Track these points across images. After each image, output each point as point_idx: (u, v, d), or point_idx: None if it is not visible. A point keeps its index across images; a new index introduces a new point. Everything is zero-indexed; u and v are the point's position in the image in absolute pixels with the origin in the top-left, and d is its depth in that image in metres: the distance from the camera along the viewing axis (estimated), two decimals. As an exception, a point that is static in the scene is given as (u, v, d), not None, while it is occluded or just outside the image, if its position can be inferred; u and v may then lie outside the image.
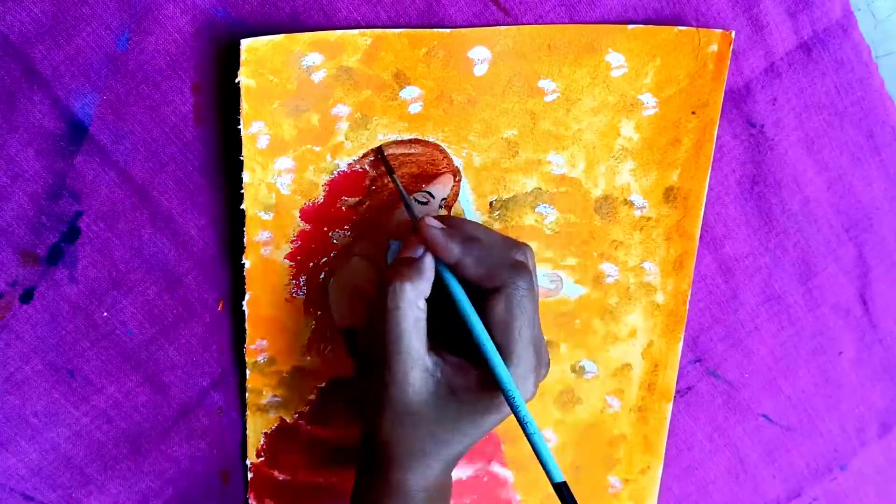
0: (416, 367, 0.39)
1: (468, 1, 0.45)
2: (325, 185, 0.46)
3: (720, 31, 0.46)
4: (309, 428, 0.50)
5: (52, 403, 0.47)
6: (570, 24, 0.46)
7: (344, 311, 0.48)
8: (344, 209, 0.46)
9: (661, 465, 0.54)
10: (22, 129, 0.43)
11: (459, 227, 0.41)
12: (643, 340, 0.51)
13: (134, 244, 0.46)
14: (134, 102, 0.44)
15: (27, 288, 0.45)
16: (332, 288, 0.47)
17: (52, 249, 0.45)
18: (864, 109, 0.50)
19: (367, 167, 0.46)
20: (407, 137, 0.45)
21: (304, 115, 0.44)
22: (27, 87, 0.43)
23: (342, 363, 0.49)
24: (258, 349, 0.48)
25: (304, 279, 0.47)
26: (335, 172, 0.45)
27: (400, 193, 0.44)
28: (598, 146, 0.47)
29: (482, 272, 0.39)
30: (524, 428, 0.38)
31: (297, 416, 0.50)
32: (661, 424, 0.53)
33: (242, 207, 0.45)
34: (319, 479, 0.51)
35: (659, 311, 0.51)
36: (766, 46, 0.48)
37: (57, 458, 0.48)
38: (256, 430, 0.49)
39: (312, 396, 0.50)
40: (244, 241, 0.46)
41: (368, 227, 0.47)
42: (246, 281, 0.46)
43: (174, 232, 0.46)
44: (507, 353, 0.39)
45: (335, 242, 0.47)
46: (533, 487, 0.53)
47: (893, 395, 0.55)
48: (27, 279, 0.45)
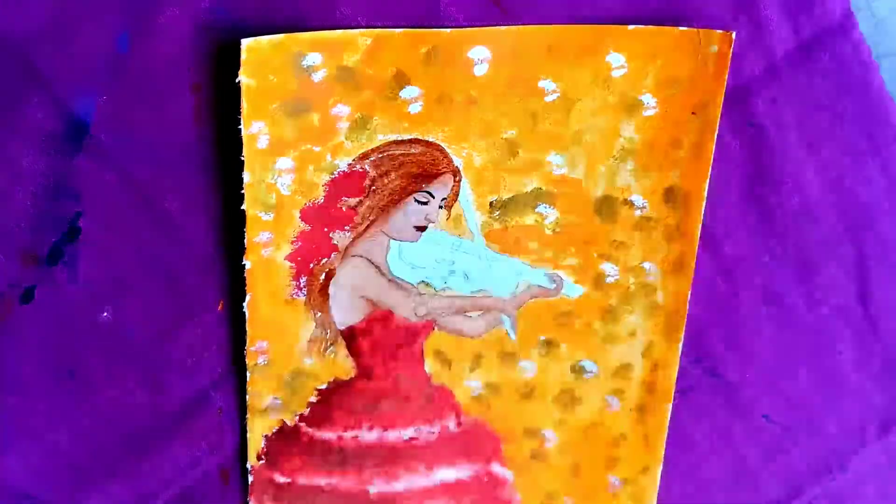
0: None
1: (468, 1, 0.45)
2: (325, 185, 0.46)
3: (720, 31, 0.46)
4: (310, 430, 0.50)
5: (52, 403, 0.47)
6: (570, 24, 0.46)
7: (344, 311, 0.48)
8: (344, 209, 0.46)
9: (660, 464, 0.53)
10: (22, 129, 0.43)
11: None
12: (643, 341, 0.51)
13: (134, 244, 0.46)
14: (134, 102, 0.44)
15: (27, 288, 0.45)
16: (332, 288, 0.47)
17: (52, 249, 0.45)
18: (864, 109, 0.50)
19: (366, 167, 0.46)
20: (407, 137, 0.45)
21: (304, 115, 0.44)
22: (27, 87, 0.43)
23: (342, 364, 0.49)
24: (258, 351, 0.48)
25: (304, 280, 0.47)
26: (335, 172, 0.45)
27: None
28: (598, 146, 0.47)
29: None
30: None
31: (297, 418, 0.50)
32: (660, 424, 0.53)
33: (243, 208, 0.45)
34: (320, 481, 0.51)
35: (659, 311, 0.51)
36: (766, 47, 0.48)
37: (57, 458, 0.48)
38: (257, 432, 0.49)
39: (313, 398, 0.50)
40: (244, 241, 0.46)
41: (368, 227, 0.47)
42: (246, 282, 0.46)
43: (174, 232, 0.46)
44: None
45: (335, 243, 0.47)
46: (533, 487, 0.53)
47: (893, 395, 0.55)
48: (27, 279, 0.45)
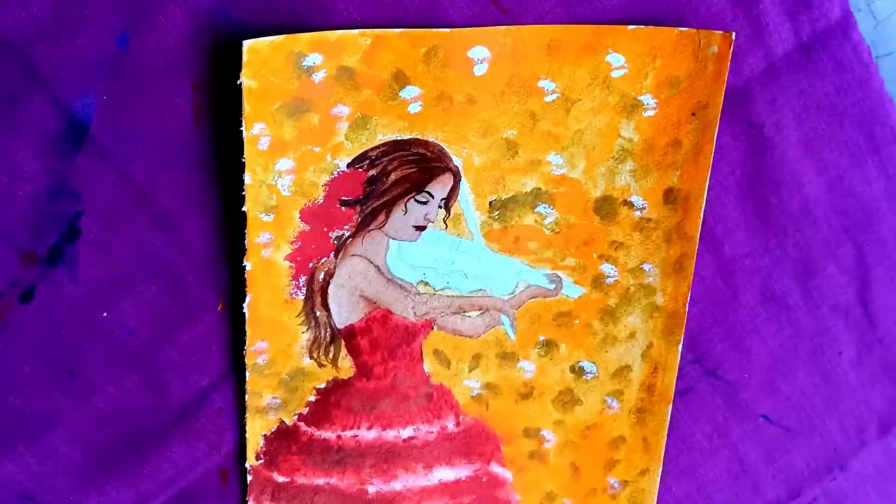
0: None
1: (468, 1, 0.45)
2: (324, 185, 0.46)
3: (720, 32, 0.46)
4: (308, 429, 0.50)
5: (51, 404, 0.47)
6: (569, 24, 0.46)
7: (343, 310, 0.48)
8: (344, 209, 0.46)
9: (660, 467, 0.53)
10: (22, 129, 0.43)
11: None
12: (643, 342, 0.51)
13: (134, 244, 0.46)
14: (134, 102, 0.44)
15: (27, 288, 0.45)
16: (331, 288, 0.47)
17: (52, 249, 0.45)
18: (863, 110, 0.50)
19: (366, 167, 0.46)
20: (407, 137, 0.46)
21: (304, 115, 0.44)
22: (27, 87, 0.43)
23: (342, 364, 0.49)
24: (258, 350, 0.48)
25: (303, 280, 0.47)
26: (335, 173, 0.45)
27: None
28: (597, 147, 0.47)
29: None
30: None
31: (296, 417, 0.50)
32: (660, 426, 0.53)
33: (243, 210, 0.45)
34: (319, 480, 0.51)
35: (658, 312, 0.51)
36: (765, 47, 0.48)
37: (56, 458, 0.47)
38: (256, 432, 0.49)
39: (312, 398, 0.49)
40: (245, 242, 0.46)
41: (368, 226, 0.47)
42: (246, 283, 0.46)
43: (174, 232, 0.46)
44: None
45: (335, 243, 0.47)
46: (532, 488, 0.53)
47: (893, 395, 0.55)
48: (27, 279, 0.45)
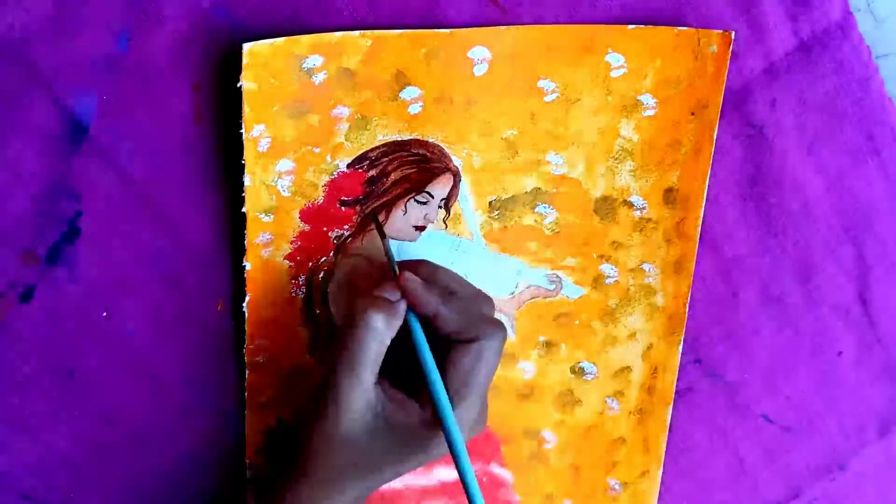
0: (361, 398, 0.39)
1: (468, 1, 0.45)
2: (324, 185, 0.46)
3: (720, 31, 0.46)
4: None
5: (51, 403, 0.47)
6: (569, 24, 0.46)
7: (343, 310, 0.48)
8: (343, 209, 0.46)
9: (660, 468, 0.53)
10: (22, 129, 0.43)
11: (432, 274, 0.42)
12: (643, 343, 0.51)
13: (134, 244, 0.46)
14: (134, 102, 0.44)
15: (27, 288, 0.45)
16: (331, 288, 0.47)
17: (52, 249, 0.45)
18: (863, 110, 0.50)
19: (366, 167, 0.46)
20: (407, 138, 0.46)
21: (304, 116, 0.44)
22: (27, 87, 0.43)
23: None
24: (258, 349, 0.48)
25: (303, 279, 0.47)
26: (335, 173, 0.46)
27: (384, 247, 0.45)
28: (597, 147, 0.47)
29: (459, 326, 0.40)
30: (463, 477, 0.37)
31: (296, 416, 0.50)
32: (660, 427, 0.53)
33: (243, 210, 0.45)
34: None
35: (659, 313, 0.51)
36: (765, 47, 0.48)
37: (56, 458, 0.47)
38: (256, 429, 0.49)
39: (312, 397, 0.50)
40: (244, 243, 0.46)
41: (368, 226, 0.47)
42: (246, 283, 0.46)
43: (174, 232, 0.46)
44: (459, 399, 0.40)
45: (335, 242, 0.47)
46: (532, 488, 0.53)
47: (893, 395, 0.55)
48: (27, 279, 0.45)
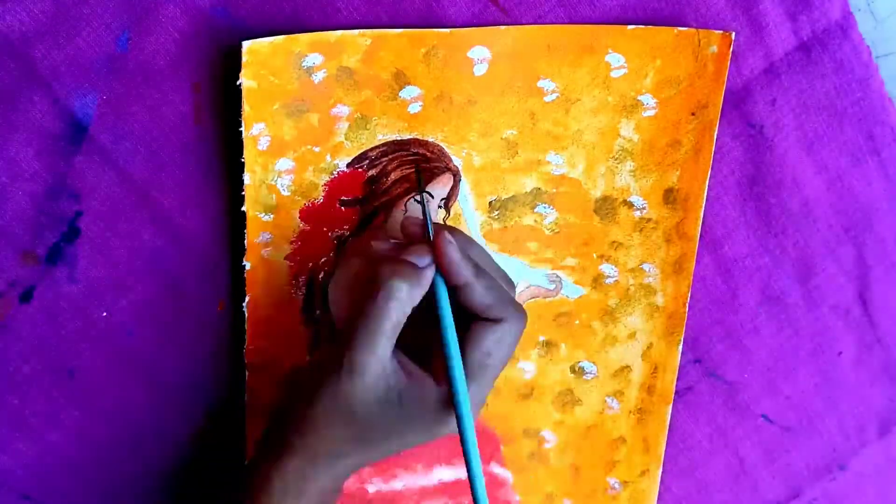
0: (376, 367, 0.38)
1: (468, 1, 0.45)
2: (324, 185, 0.46)
3: (720, 32, 0.46)
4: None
5: (51, 403, 0.47)
6: (569, 24, 0.46)
7: (343, 310, 0.48)
8: (343, 209, 0.46)
9: (660, 467, 0.53)
10: (22, 129, 0.43)
11: (467, 247, 0.40)
12: (643, 342, 0.51)
13: (134, 244, 0.46)
14: (134, 102, 0.44)
15: (27, 288, 0.45)
16: (331, 288, 0.47)
17: (52, 249, 0.45)
18: (863, 110, 0.50)
19: (366, 167, 0.46)
20: (406, 137, 0.46)
21: (304, 115, 0.44)
22: (27, 87, 0.43)
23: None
24: (257, 349, 0.48)
25: (303, 279, 0.47)
26: (335, 173, 0.45)
27: (423, 207, 0.44)
28: (597, 147, 0.47)
29: (489, 302, 0.38)
30: (467, 456, 0.37)
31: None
32: (660, 427, 0.53)
33: (243, 209, 0.45)
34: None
35: (658, 313, 0.51)
36: (765, 47, 0.48)
37: (56, 458, 0.47)
38: (256, 429, 0.49)
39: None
40: (244, 242, 0.46)
41: (367, 226, 0.47)
42: (246, 283, 0.46)
43: (174, 232, 0.46)
44: (475, 378, 0.39)
45: (335, 242, 0.47)
46: (532, 488, 0.53)
47: (893, 395, 0.55)
48: (27, 279, 0.45)
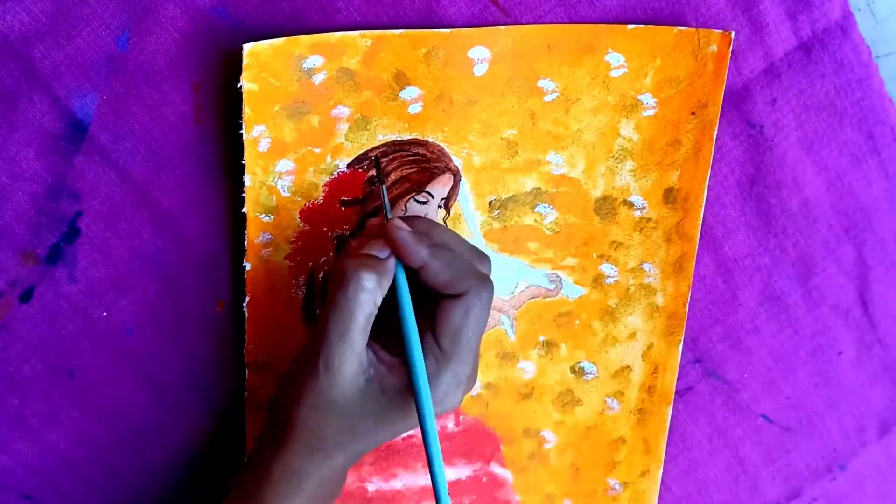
0: (352, 361, 0.38)
1: (468, 1, 0.45)
2: (324, 185, 0.46)
3: (720, 31, 0.46)
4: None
5: (51, 403, 0.47)
6: (569, 24, 0.46)
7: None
8: (343, 209, 0.46)
9: (660, 468, 0.53)
10: (22, 129, 0.43)
11: (428, 231, 0.41)
12: (643, 342, 0.51)
13: (134, 244, 0.46)
14: (134, 102, 0.44)
15: (27, 288, 0.45)
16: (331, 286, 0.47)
17: (52, 249, 0.45)
18: (863, 110, 0.50)
19: (366, 167, 0.46)
20: (407, 137, 0.46)
21: (304, 117, 0.44)
22: (27, 87, 0.43)
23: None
24: (258, 349, 0.48)
25: (303, 279, 0.47)
26: (335, 173, 0.46)
27: (381, 196, 0.44)
28: (597, 146, 0.47)
29: (447, 278, 0.39)
30: (426, 439, 0.37)
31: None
32: (660, 427, 0.53)
33: (243, 210, 0.45)
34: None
35: (659, 313, 0.51)
36: (765, 47, 0.48)
37: (56, 457, 0.47)
38: (256, 429, 0.49)
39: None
40: (245, 243, 0.46)
41: (368, 226, 0.47)
42: (246, 283, 0.46)
43: (174, 232, 0.46)
44: (450, 356, 0.39)
45: (335, 242, 0.47)
46: (532, 488, 0.53)
47: (893, 395, 0.55)
48: (27, 279, 0.45)
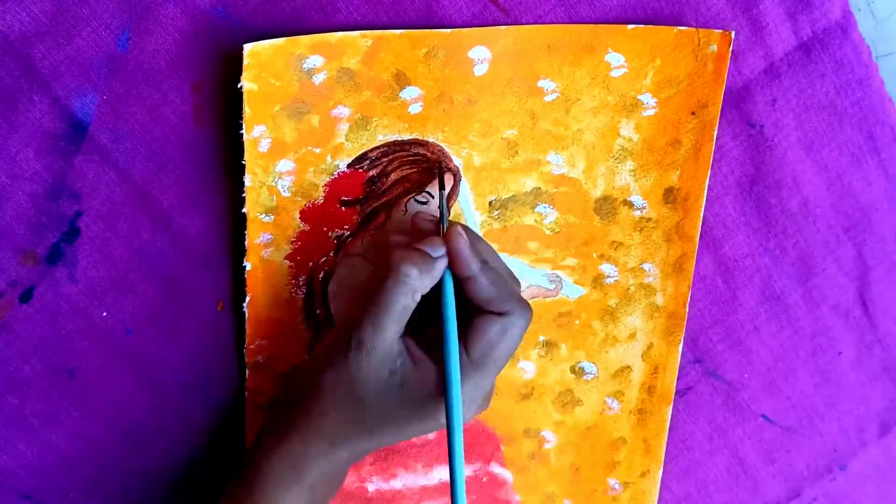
0: (382, 348, 0.39)
1: (468, 1, 0.45)
2: (324, 185, 0.46)
3: (720, 31, 0.46)
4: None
5: (51, 403, 0.47)
6: (569, 24, 0.46)
7: (343, 310, 0.48)
8: (343, 209, 0.46)
9: (660, 468, 0.53)
10: (22, 129, 0.43)
11: (477, 245, 0.41)
12: (643, 342, 0.51)
13: (134, 244, 0.46)
14: (134, 102, 0.44)
15: (27, 288, 0.45)
16: (331, 287, 0.47)
17: (52, 249, 0.45)
18: (863, 110, 0.50)
19: (366, 167, 0.46)
20: (407, 138, 0.46)
21: (304, 117, 0.44)
22: (27, 87, 0.43)
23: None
24: (258, 349, 0.48)
25: (303, 279, 0.47)
26: (335, 173, 0.46)
27: (440, 202, 0.44)
28: (597, 146, 0.47)
29: (492, 296, 0.40)
30: (451, 442, 0.37)
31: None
32: (660, 427, 0.53)
33: (244, 210, 0.45)
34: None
35: (659, 313, 0.51)
36: (765, 47, 0.48)
37: (56, 458, 0.47)
38: (255, 429, 0.49)
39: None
40: (245, 243, 0.46)
41: (368, 226, 0.47)
42: (246, 283, 0.46)
43: (174, 232, 0.46)
44: (477, 366, 0.40)
45: (335, 242, 0.47)
46: (532, 488, 0.53)
47: (893, 395, 0.55)
48: (27, 279, 0.45)
